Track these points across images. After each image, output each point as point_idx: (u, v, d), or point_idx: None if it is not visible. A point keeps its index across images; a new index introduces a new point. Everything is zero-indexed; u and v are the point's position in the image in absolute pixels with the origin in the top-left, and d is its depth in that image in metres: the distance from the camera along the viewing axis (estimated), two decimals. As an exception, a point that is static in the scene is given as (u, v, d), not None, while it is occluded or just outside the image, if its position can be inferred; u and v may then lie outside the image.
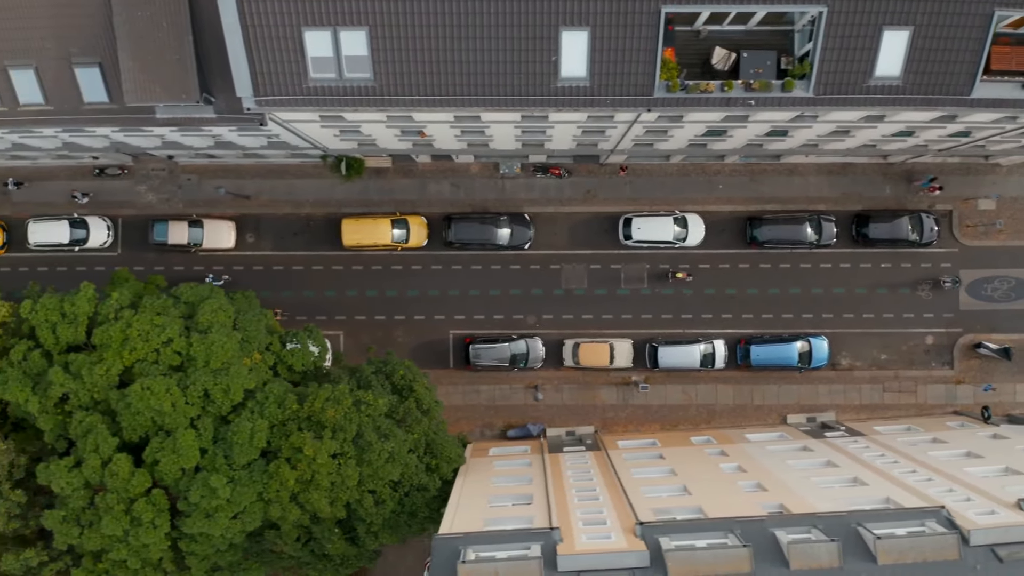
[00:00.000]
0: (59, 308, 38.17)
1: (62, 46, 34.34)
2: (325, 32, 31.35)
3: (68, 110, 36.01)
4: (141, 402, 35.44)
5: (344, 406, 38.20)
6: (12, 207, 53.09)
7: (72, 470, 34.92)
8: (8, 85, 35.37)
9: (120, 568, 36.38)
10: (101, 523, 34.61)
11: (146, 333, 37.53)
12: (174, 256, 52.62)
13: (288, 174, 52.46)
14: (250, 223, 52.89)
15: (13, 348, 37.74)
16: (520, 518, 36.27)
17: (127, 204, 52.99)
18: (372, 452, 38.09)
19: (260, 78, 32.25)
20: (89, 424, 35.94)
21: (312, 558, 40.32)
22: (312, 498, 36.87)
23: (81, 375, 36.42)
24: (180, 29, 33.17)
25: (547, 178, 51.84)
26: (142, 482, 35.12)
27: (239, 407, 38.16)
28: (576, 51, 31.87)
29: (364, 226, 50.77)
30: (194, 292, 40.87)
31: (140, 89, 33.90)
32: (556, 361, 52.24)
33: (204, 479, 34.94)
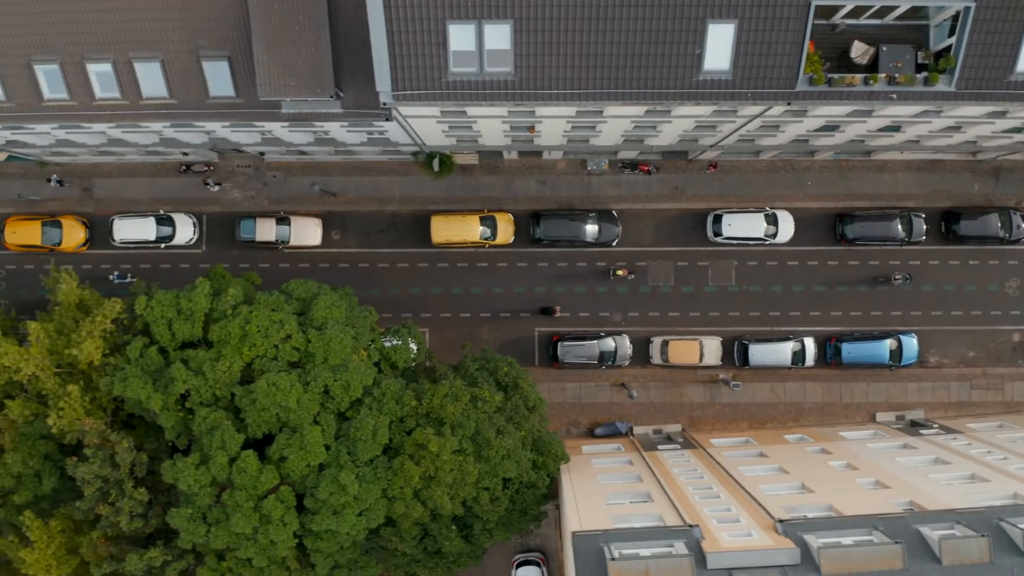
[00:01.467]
0: (175, 304, 37.90)
1: (191, 39, 34.06)
2: (469, 25, 31.10)
3: (192, 104, 35.75)
4: (267, 398, 35.17)
5: (462, 402, 37.96)
6: (94, 204, 52.84)
7: (199, 467, 34.61)
8: (132, 78, 35.08)
9: (245, 567, 36.06)
10: (230, 521, 34.30)
11: (265, 329, 37.26)
12: (259, 253, 52.36)
13: (374, 171, 52.22)
14: (335, 220, 52.63)
15: (129, 345, 37.45)
16: (646, 516, 36.02)
17: (212, 201, 52.73)
18: (490, 449, 37.83)
19: (400, 72, 31.98)
20: (213, 421, 35.66)
21: (424, 556, 40.03)
22: (435, 495, 36.62)
23: (203, 371, 36.15)
24: (317, 22, 32.91)
25: (635, 175, 51.61)
26: (270, 479, 34.83)
27: (356, 404, 37.90)
28: (721, 44, 31.65)
29: (453, 223, 50.51)
30: (304, 288, 40.61)
31: (274, 83, 33.62)
32: (642, 359, 52.00)
33: (333, 475, 34.66)
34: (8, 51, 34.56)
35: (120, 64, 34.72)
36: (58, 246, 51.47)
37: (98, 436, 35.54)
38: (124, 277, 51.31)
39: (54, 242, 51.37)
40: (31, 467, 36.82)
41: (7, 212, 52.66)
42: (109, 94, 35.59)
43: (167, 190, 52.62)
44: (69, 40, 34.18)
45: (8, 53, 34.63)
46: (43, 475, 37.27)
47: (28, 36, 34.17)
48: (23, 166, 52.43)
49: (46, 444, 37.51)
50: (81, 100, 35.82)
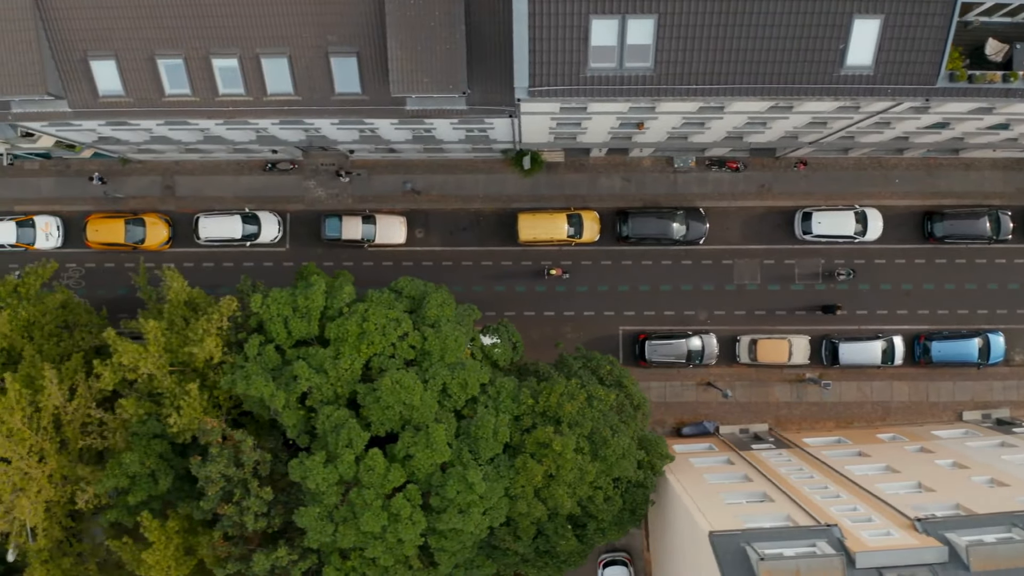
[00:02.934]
0: (291, 302, 37.66)
1: (321, 35, 33.76)
2: (613, 20, 30.85)
3: (317, 100, 35.47)
4: (392, 396, 34.91)
5: (578, 401, 37.72)
6: (176, 202, 52.56)
7: (326, 466, 34.33)
8: (258, 74, 34.80)
9: (369, 565, 35.77)
10: (360, 519, 34.02)
11: (382, 327, 37.02)
12: (343, 251, 52.07)
13: (458, 169, 51.96)
14: (419, 218, 52.37)
15: (247, 343, 37.17)
16: (772, 515, 35.79)
17: (295, 199, 52.45)
18: (607, 448, 37.60)
19: (538, 68, 31.73)
20: (338, 419, 35.39)
21: (534, 556, 39.77)
22: (556, 493, 36.38)
23: (324, 369, 35.88)
24: (453, 18, 32.63)
25: (722, 172, 51.36)
26: (398, 477, 34.56)
27: (471, 402, 37.65)
28: (865, 39, 31.42)
29: (541, 221, 50.25)
30: (413, 286, 40.37)
31: (407, 80, 33.34)
32: (727, 358, 51.75)
33: (461, 474, 34.40)
34: (131, 45, 34.23)
35: (247, 60, 34.43)
36: (141, 244, 51.19)
37: (221, 435, 35.27)
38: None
39: (137, 240, 51.09)
40: (147, 467, 36.52)
41: (87, 210, 52.39)
42: (233, 90, 35.28)
43: (249, 188, 52.34)
44: (196, 35, 33.87)
45: (131, 47, 34.31)
46: (159, 475, 36.97)
47: (153, 30, 33.86)
48: (104, 163, 52.15)
49: (160, 443, 37.22)
50: (203, 96, 35.52)
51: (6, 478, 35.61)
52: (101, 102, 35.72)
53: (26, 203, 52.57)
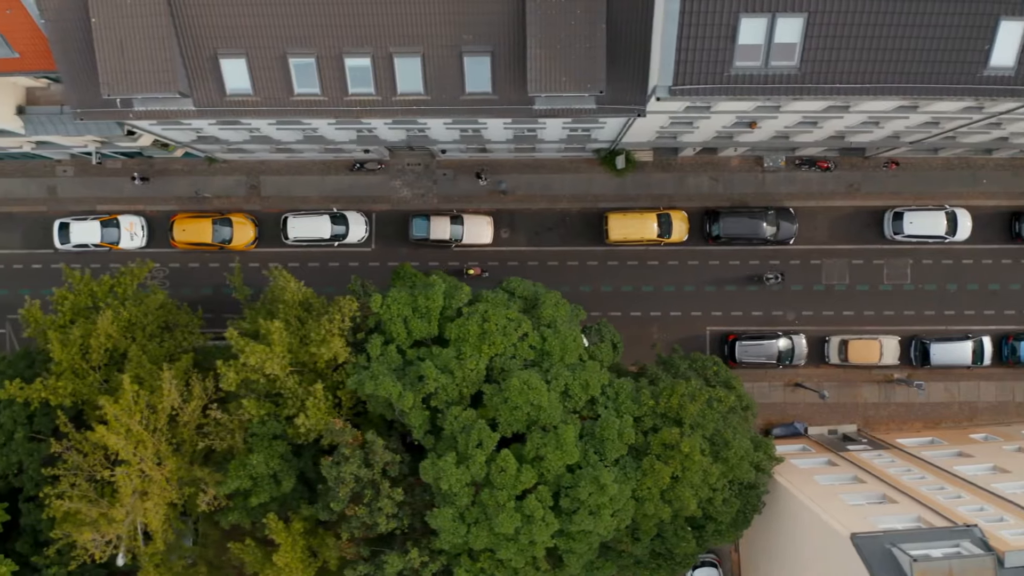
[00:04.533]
0: (410, 303, 37.46)
1: (456, 33, 33.52)
2: (762, 19, 30.67)
3: (445, 100, 35.27)
4: (520, 397, 34.72)
5: (699, 402, 37.56)
6: (262, 202, 52.35)
7: (459, 467, 34.13)
8: (389, 73, 34.59)
9: (498, 567, 35.58)
10: (494, 520, 33.83)
11: (503, 327, 36.83)
12: (429, 251, 51.89)
13: (545, 168, 51.79)
14: (505, 218, 52.19)
15: (369, 343, 36.97)
16: (901, 517, 35.68)
17: (381, 199, 52.26)
18: (729, 450, 37.46)
19: (683, 67, 31.54)
20: (466, 420, 35.21)
21: (649, 558, 39.61)
22: (682, 495, 36.22)
23: (451, 370, 35.69)
24: (595, 16, 32.43)
25: (812, 171, 51.22)
26: (529, 478, 34.37)
27: (589, 403, 37.47)
28: (1009, 40, 31.27)
29: (631, 221, 50.10)
30: (525, 287, 40.21)
31: (545, 79, 33.14)
32: (815, 358, 51.60)
33: (593, 475, 34.22)
34: (263, 43, 33.98)
35: (380, 59, 34.21)
36: (228, 244, 50.97)
37: (351, 436, 35.07)
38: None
39: (224, 240, 50.86)
40: (271, 468, 36.29)
41: (171, 209, 52.16)
42: (362, 89, 35.04)
43: (336, 188, 52.14)
44: (330, 34, 33.63)
45: (263, 46, 34.05)
46: (281, 476, 36.75)
47: (286, 29, 33.60)
48: (189, 162, 51.94)
49: (281, 444, 37.01)
50: (332, 95, 35.30)
51: (127, 480, 35.36)
52: (227, 101, 35.49)
53: (108, 202, 52.36)
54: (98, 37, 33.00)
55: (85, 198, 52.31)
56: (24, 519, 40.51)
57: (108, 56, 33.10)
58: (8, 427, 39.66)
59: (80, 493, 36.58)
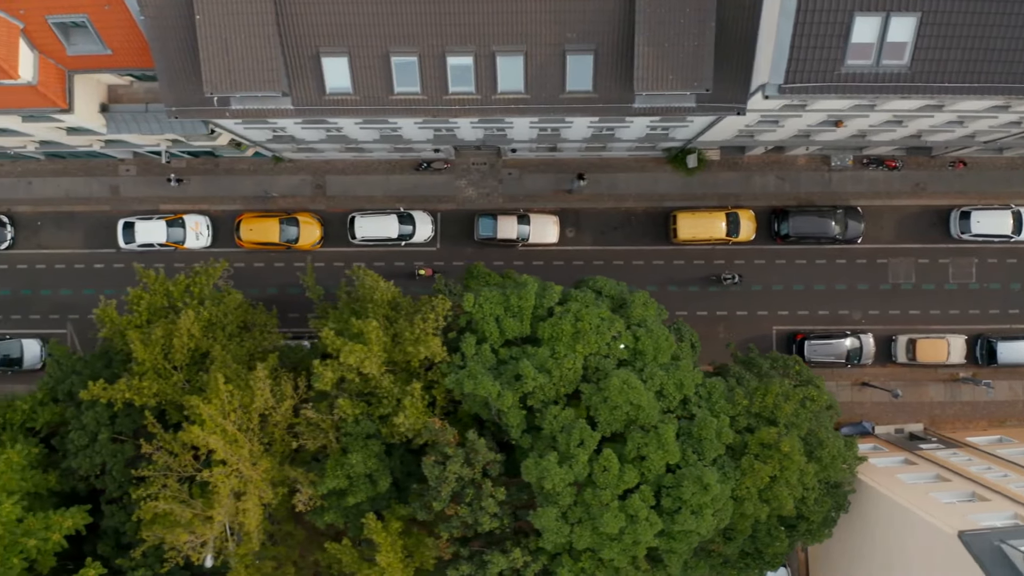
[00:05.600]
0: (503, 302, 37.33)
1: (560, 32, 33.37)
2: (876, 18, 30.62)
3: (545, 98, 35.11)
4: (620, 396, 34.61)
5: (794, 402, 37.50)
6: (327, 201, 52.15)
7: (561, 466, 34.00)
8: (491, 72, 34.43)
9: (599, 567, 35.48)
10: (599, 520, 33.72)
11: (596, 327, 36.71)
12: (494, 251, 51.73)
13: (611, 168, 51.69)
14: (570, 218, 52.07)
15: (463, 342, 36.81)
16: (998, 514, 35.68)
17: (446, 199, 52.10)
18: (823, 449, 37.41)
19: (795, 65, 31.47)
20: (565, 419, 35.09)
21: (738, 557, 39.53)
22: (780, 494, 36.17)
23: (548, 369, 35.56)
24: (704, 15, 32.33)
25: (879, 170, 51.21)
26: (632, 477, 34.25)
27: (682, 403, 37.37)
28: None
29: (700, 220, 50.03)
30: (611, 286, 40.11)
31: (651, 77, 33.04)
32: (881, 357, 51.58)
33: (697, 475, 34.11)
34: (366, 42, 33.78)
35: (482, 58, 34.05)
36: (295, 243, 50.77)
37: (451, 435, 34.93)
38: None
39: (291, 239, 50.66)
40: (368, 468, 36.11)
41: (235, 209, 51.93)
42: (462, 88, 34.88)
43: (401, 187, 51.98)
44: (434, 32, 33.45)
45: (365, 44, 33.85)
46: (376, 476, 36.57)
47: (390, 27, 33.40)
48: (254, 162, 51.72)
49: (375, 444, 36.83)
50: (431, 94, 35.13)
51: (226, 480, 35.15)
52: (326, 100, 35.29)
53: (172, 202, 52.12)
54: (202, 35, 32.79)
55: (148, 197, 52.06)
56: (106, 521, 40.22)
57: (212, 54, 32.89)
58: (92, 428, 39.36)
59: (172, 494, 36.35)
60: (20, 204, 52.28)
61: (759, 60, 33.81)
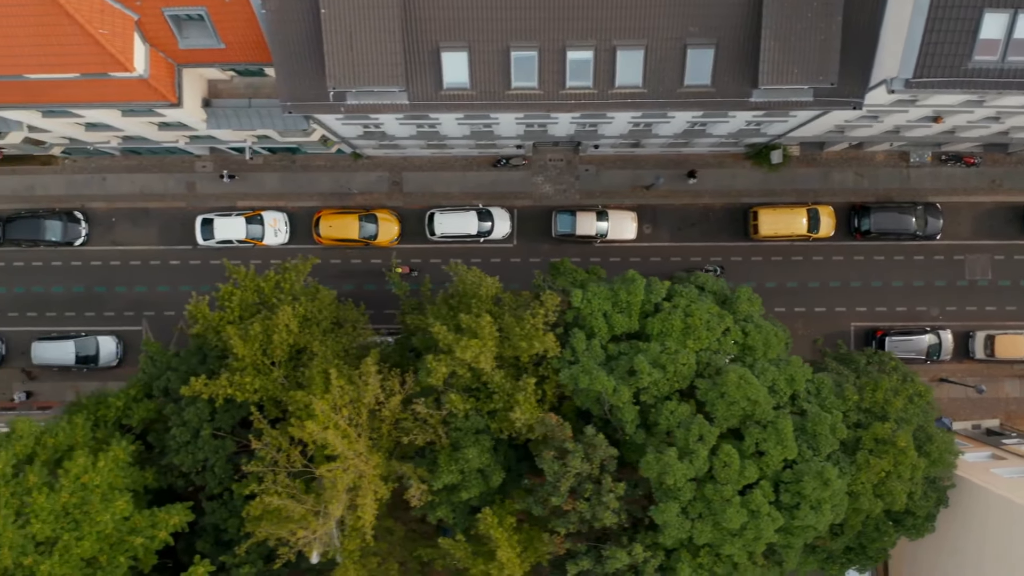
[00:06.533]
0: (611, 298, 37.29)
1: (682, 25, 33.29)
2: (1004, 14, 30.70)
3: (662, 92, 35.01)
4: (737, 391, 34.56)
5: (903, 397, 37.49)
6: (404, 198, 52.03)
7: (681, 461, 33.94)
8: (610, 67, 34.33)
9: (718, 562, 35.46)
10: (721, 515, 33.69)
11: (706, 322, 36.68)
12: (571, 247, 51.64)
13: (689, 164, 51.59)
14: (647, 214, 52.02)
15: (572, 338, 36.73)
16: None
17: (522, 195, 52.01)
18: (932, 444, 37.39)
19: (924, 59, 31.46)
20: (682, 414, 35.03)
21: (841, 553, 39.50)
22: (894, 489, 36.17)
23: (662, 364, 35.49)
24: (831, 9, 32.29)
25: (957, 167, 51.21)
26: (753, 473, 34.21)
27: (792, 399, 37.33)
28: None
29: (781, 216, 50.01)
30: (714, 281, 40.11)
31: (776, 71, 33.00)
32: (959, 353, 51.60)
33: (818, 470, 34.08)
34: (487, 36, 33.65)
35: (602, 52, 33.95)
36: (373, 240, 50.65)
37: (568, 430, 34.84)
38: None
39: (369, 236, 50.54)
40: (482, 463, 36.01)
41: (312, 206, 51.79)
42: (579, 83, 34.78)
43: (478, 184, 51.88)
44: (555, 26, 33.34)
45: (486, 39, 33.72)
46: (489, 471, 36.47)
47: (511, 22, 33.29)
48: (331, 159, 51.59)
49: (486, 439, 36.73)
50: (547, 89, 35.01)
51: (343, 475, 34.98)
52: (442, 95, 35.15)
53: (249, 198, 51.96)
54: (327, 29, 32.64)
55: (225, 194, 51.89)
56: (207, 518, 40.05)
57: (336, 48, 32.75)
58: (194, 424, 39.19)
59: (283, 489, 36.20)
60: (94, 200, 52.07)
61: (880, 55, 33.77)
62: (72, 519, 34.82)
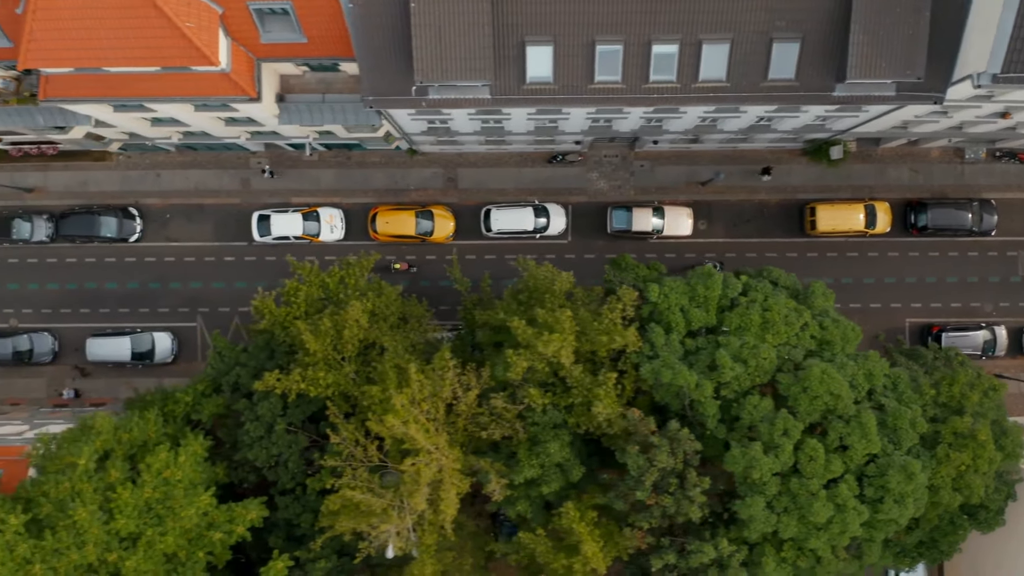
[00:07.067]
0: (688, 292, 37.31)
1: (768, 19, 33.31)
2: (1094, 7, 30.77)
3: (745, 87, 35.05)
4: (821, 386, 34.57)
5: (979, 391, 37.54)
6: (459, 194, 52.02)
7: (767, 455, 33.95)
8: (694, 61, 34.35)
9: (801, 556, 35.48)
10: (808, 509, 33.72)
11: (785, 317, 36.71)
12: (625, 243, 51.67)
13: (744, 160, 51.63)
14: (702, 210, 52.04)
15: (652, 332, 36.73)
16: None
17: (577, 191, 52.04)
18: (1007, 438, 37.44)
19: (1013, 55, 31.49)
20: (765, 409, 35.04)
21: (913, 547, 39.54)
22: (972, 483, 36.22)
23: (743, 359, 35.50)
24: (920, 4, 32.36)
25: (1011, 163, 51.31)
26: (838, 467, 34.24)
27: (869, 393, 37.35)
28: None
29: (839, 212, 50.10)
30: (785, 277, 40.15)
31: (864, 65, 33.03)
32: (1013, 350, 51.71)
33: (902, 464, 34.12)
34: (572, 30, 33.63)
35: (687, 46, 33.97)
36: (429, 236, 50.65)
37: (651, 425, 34.86)
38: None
39: (426, 232, 50.53)
40: (563, 457, 36.01)
41: (367, 202, 51.76)
42: (662, 77, 34.79)
43: (533, 180, 51.90)
44: (641, 20, 33.31)
45: (571, 32, 33.71)
46: (568, 466, 36.45)
47: (598, 15, 33.26)
48: (386, 155, 51.59)
49: (565, 433, 36.71)
50: (630, 83, 35.02)
51: (427, 469, 34.92)
52: (525, 89, 35.15)
53: (304, 195, 51.94)
54: (416, 23, 32.61)
55: (279, 190, 51.86)
56: (280, 513, 39.98)
57: (425, 42, 32.71)
58: (267, 419, 39.15)
59: (362, 483, 36.15)
60: (149, 196, 52.03)
61: (964, 50, 33.80)
62: (155, 514, 34.78)
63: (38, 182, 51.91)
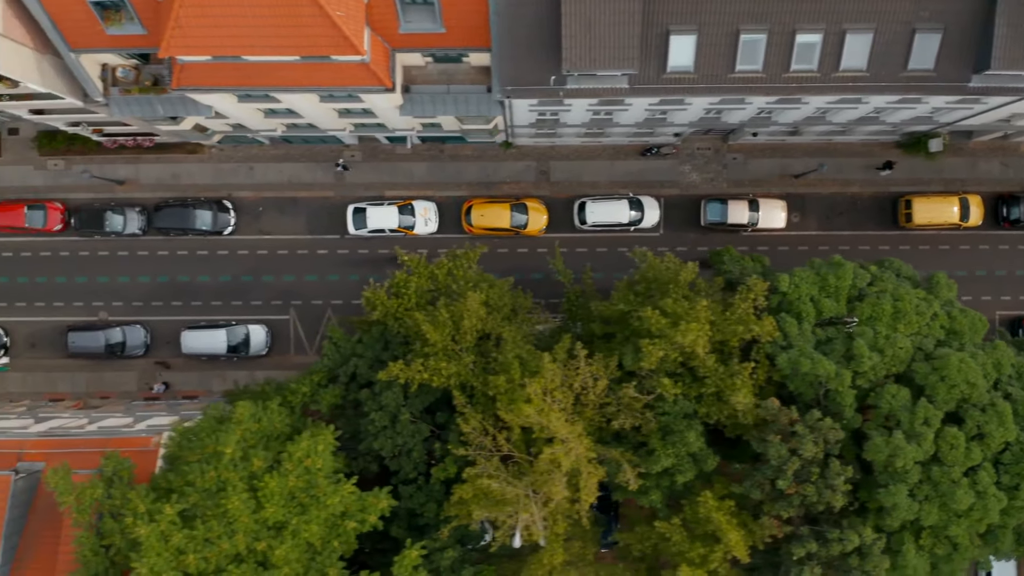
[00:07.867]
0: (818, 282, 37.49)
1: (913, 10, 33.52)
2: None
3: (883, 76, 35.23)
4: (958, 375, 34.75)
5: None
6: (551, 187, 52.12)
7: (909, 443, 34.11)
8: (836, 50, 34.51)
9: (937, 543, 35.69)
10: (950, 497, 33.91)
11: (915, 307, 36.89)
12: (717, 236, 51.81)
13: (837, 153, 51.81)
14: (795, 203, 52.20)
15: (784, 323, 36.87)
16: None
17: (669, 184, 52.17)
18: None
19: None
20: (903, 398, 35.18)
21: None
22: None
23: (880, 348, 35.66)
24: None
25: (1103, 157, 51.60)
26: (978, 455, 34.44)
27: (995, 383, 37.47)
28: None
29: (935, 205, 50.35)
30: (907, 268, 40.34)
31: (1009, 57, 33.26)
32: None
33: (1027, 454, 34.38)
34: (717, 19, 33.76)
35: (831, 35, 34.12)
36: (523, 229, 50.74)
37: (790, 415, 34.98)
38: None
39: (520, 225, 50.62)
40: (698, 446, 36.12)
41: (460, 195, 51.82)
42: (803, 66, 34.95)
43: (625, 173, 52.03)
44: (786, 9, 33.49)
45: (716, 22, 33.84)
46: (702, 455, 36.56)
47: (743, 4, 33.42)
48: (478, 148, 51.69)
49: (697, 423, 36.80)
50: (770, 72, 35.17)
51: (565, 458, 34.98)
52: (665, 78, 35.26)
53: (398, 188, 52.00)
54: (566, 12, 32.69)
55: (373, 183, 51.90)
56: (404, 503, 39.97)
57: (575, 31, 32.80)
58: (391, 408, 39.18)
59: (496, 472, 36.22)
60: (241, 189, 52.04)
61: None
62: (298, 503, 34.81)
63: (129, 174, 51.90)
